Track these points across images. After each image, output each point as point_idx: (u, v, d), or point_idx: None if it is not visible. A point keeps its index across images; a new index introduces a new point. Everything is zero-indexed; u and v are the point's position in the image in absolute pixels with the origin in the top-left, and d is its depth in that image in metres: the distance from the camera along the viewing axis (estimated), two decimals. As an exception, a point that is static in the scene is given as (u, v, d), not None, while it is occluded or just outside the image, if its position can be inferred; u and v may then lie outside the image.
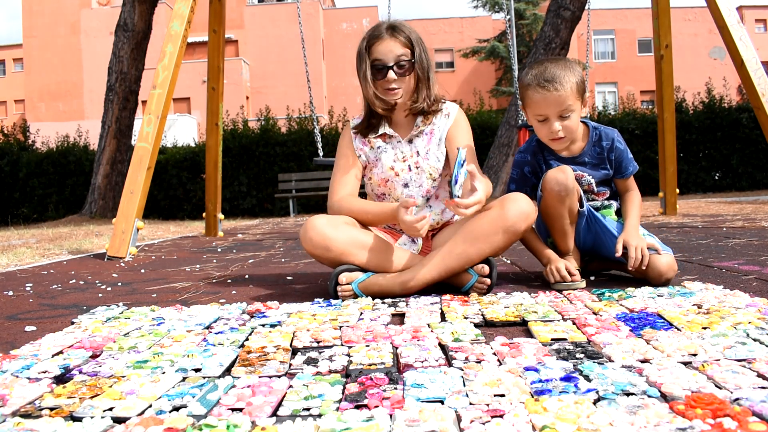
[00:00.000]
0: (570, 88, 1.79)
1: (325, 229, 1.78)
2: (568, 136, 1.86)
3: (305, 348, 1.22)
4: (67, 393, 0.96)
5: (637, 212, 1.94)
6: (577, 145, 1.96)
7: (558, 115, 1.82)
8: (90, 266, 3.07)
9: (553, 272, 1.85)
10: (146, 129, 3.58)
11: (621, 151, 1.95)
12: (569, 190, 1.83)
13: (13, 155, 13.28)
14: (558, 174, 1.84)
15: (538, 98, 1.81)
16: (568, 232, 1.94)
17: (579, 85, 1.83)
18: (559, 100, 1.79)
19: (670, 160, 5.28)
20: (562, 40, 9.82)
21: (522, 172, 2.02)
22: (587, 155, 1.95)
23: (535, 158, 2.00)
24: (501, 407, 0.83)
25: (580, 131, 1.95)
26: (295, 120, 13.08)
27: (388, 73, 1.86)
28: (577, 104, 1.84)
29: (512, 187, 2.03)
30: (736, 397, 0.83)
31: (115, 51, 10.15)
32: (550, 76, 1.79)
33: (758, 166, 12.47)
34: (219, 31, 5.00)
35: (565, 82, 1.79)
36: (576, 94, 1.81)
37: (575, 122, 1.85)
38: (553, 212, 1.90)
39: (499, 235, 1.74)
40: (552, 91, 1.78)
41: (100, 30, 26.23)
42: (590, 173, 1.96)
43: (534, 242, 1.99)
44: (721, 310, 1.39)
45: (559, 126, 1.83)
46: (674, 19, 5.60)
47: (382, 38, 1.88)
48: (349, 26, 29.68)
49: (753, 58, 4.06)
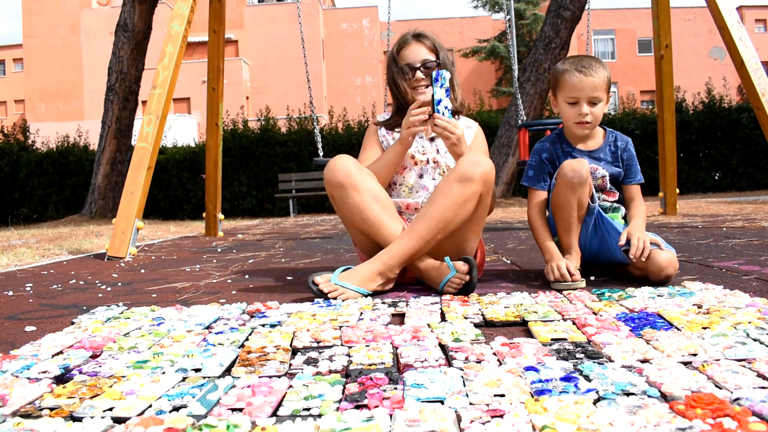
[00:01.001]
0: (602, 78, 1.96)
1: (350, 165, 1.89)
2: (593, 123, 1.99)
3: (305, 348, 1.22)
4: (67, 393, 0.96)
5: (643, 217, 2.01)
6: (594, 141, 2.08)
7: (588, 100, 1.96)
8: (90, 266, 3.07)
9: (553, 270, 1.86)
10: (146, 129, 3.58)
11: (633, 156, 2.07)
12: (582, 179, 1.88)
13: (13, 155, 13.29)
14: (574, 163, 1.91)
15: (574, 80, 1.95)
16: (573, 226, 1.95)
17: (608, 80, 1.99)
18: (594, 85, 1.94)
19: (670, 160, 5.29)
20: (562, 40, 9.82)
21: (540, 158, 2.10)
22: (603, 152, 2.06)
23: (554, 147, 2.09)
24: (501, 407, 0.83)
25: (599, 130, 2.08)
26: (295, 120, 13.09)
27: (416, 73, 2.06)
28: (605, 97, 1.98)
29: (530, 173, 2.11)
30: (736, 397, 0.83)
31: (115, 51, 10.15)
32: (587, 63, 1.96)
33: (758, 166, 12.48)
34: (219, 31, 5.00)
35: (600, 72, 1.96)
36: (606, 86, 1.97)
37: (601, 112, 1.99)
38: (563, 200, 1.93)
39: (454, 186, 1.80)
40: (588, 76, 1.94)
41: (100, 30, 26.24)
42: (605, 167, 2.04)
43: (541, 234, 2.02)
44: (721, 310, 1.39)
45: (588, 110, 1.96)
46: (674, 19, 5.60)
47: (409, 44, 2.10)
48: (349, 26, 29.68)
49: (753, 58, 4.06)
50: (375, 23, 29.45)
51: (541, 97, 10.35)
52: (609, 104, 2.06)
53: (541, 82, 10.18)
